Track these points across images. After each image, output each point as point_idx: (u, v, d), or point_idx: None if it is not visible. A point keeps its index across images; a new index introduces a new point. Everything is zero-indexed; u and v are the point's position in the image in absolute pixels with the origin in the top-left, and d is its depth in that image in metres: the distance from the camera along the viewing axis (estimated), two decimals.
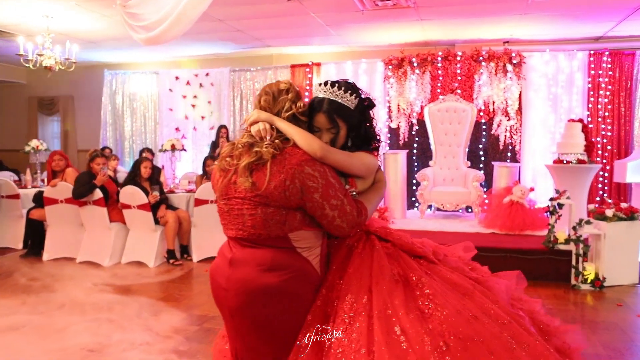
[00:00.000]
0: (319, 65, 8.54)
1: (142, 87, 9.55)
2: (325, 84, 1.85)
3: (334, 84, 1.84)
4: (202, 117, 9.15)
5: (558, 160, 6.09)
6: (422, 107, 7.79)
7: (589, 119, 7.41)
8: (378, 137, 1.96)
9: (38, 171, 7.70)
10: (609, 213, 4.92)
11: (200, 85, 9.09)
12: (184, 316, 4.11)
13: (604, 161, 7.37)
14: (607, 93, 7.42)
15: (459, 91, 7.66)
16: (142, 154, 7.76)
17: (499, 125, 7.59)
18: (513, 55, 7.41)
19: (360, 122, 1.89)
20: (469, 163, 7.50)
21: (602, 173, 7.36)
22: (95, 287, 4.96)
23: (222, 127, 8.08)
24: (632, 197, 6.91)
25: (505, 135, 7.58)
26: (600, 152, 7.39)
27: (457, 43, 8.08)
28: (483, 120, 7.64)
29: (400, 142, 8.00)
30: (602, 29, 7.14)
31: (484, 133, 7.70)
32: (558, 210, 5.22)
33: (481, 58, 7.53)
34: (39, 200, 6.21)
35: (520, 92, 7.52)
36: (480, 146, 7.73)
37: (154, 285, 5.08)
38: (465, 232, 6.22)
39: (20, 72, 10.16)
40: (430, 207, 7.67)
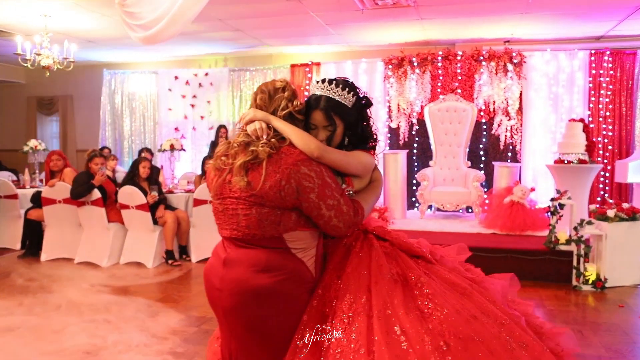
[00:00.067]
0: (318, 65, 8.51)
1: (141, 87, 9.53)
2: (323, 81, 1.84)
3: (332, 81, 1.83)
4: (202, 117, 9.13)
5: (559, 160, 6.06)
6: (422, 107, 7.76)
7: (590, 119, 7.38)
8: (375, 136, 1.95)
9: (37, 171, 7.67)
10: (611, 213, 4.89)
11: (200, 85, 9.07)
12: (182, 317, 4.08)
13: (605, 161, 7.33)
14: (608, 93, 7.39)
15: (459, 91, 7.63)
16: (141, 154, 7.73)
17: (499, 125, 7.56)
18: (514, 54, 7.38)
19: (357, 120, 1.88)
20: (469, 163, 7.47)
21: (603, 173, 7.32)
22: (93, 288, 4.93)
23: (222, 127, 8.05)
24: (633, 198, 6.88)
25: (506, 135, 7.55)
26: (601, 152, 7.36)
27: (457, 42, 8.05)
28: (483, 120, 7.61)
29: (400, 142, 7.97)
30: (603, 28, 7.10)
31: (485, 133, 7.67)
32: (559, 211, 5.20)
33: (482, 57, 7.50)
34: (37, 200, 6.18)
35: (521, 91, 7.49)
36: (481, 146, 7.70)
37: (152, 286, 5.05)
38: (466, 233, 6.19)
39: (19, 72, 10.14)
40: (430, 207, 7.64)
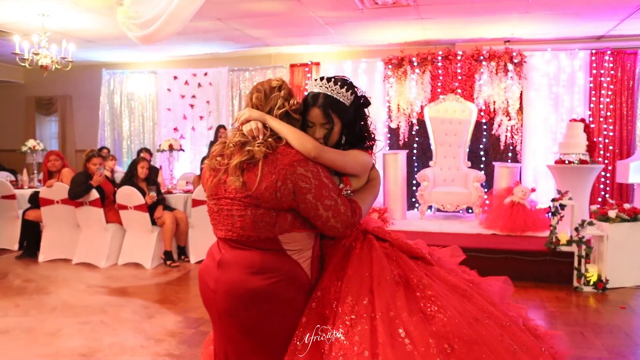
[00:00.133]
0: (318, 64, 8.48)
1: (140, 87, 9.50)
2: (322, 79, 1.83)
3: (330, 79, 1.82)
4: (201, 117, 9.10)
5: (560, 161, 6.03)
6: (422, 107, 7.72)
7: (591, 119, 7.34)
8: (373, 136, 1.93)
9: (35, 171, 7.64)
10: (612, 214, 4.86)
11: (199, 85, 9.04)
12: (180, 319, 4.05)
13: (606, 161, 7.30)
14: (609, 93, 7.36)
15: (459, 91, 7.59)
16: (140, 154, 7.69)
17: (499, 125, 7.52)
18: (514, 54, 7.34)
19: (355, 119, 1.87)
20: (469, 163, 7.44)
21: (604, 173, 7.29)
22: (90, 289, 4.89)
23: (221, 127, 8.01)
24: (634, 198, 6.84)
25: (506, 135, 7.51)
26: (602, 152, 7.32)
27: (457, 42, 8.02)
28: (484, 120, 7.57)
29: (400, 142, 7.93)
30: (604, 28, 7.07)
31: (485, 133, 7.63)
32: (560, 211, 5.16)
33: (482, 57, 7.46)
34: (35, 201, 6.15)
35: (521, 91, 7.45)
36: (481, 146, 7.66)
37: (150, 287, 5.01)
38: (466, 233, 6.16)
39: (18, 72, 10.11)
40: (430, 207, 7.61)
